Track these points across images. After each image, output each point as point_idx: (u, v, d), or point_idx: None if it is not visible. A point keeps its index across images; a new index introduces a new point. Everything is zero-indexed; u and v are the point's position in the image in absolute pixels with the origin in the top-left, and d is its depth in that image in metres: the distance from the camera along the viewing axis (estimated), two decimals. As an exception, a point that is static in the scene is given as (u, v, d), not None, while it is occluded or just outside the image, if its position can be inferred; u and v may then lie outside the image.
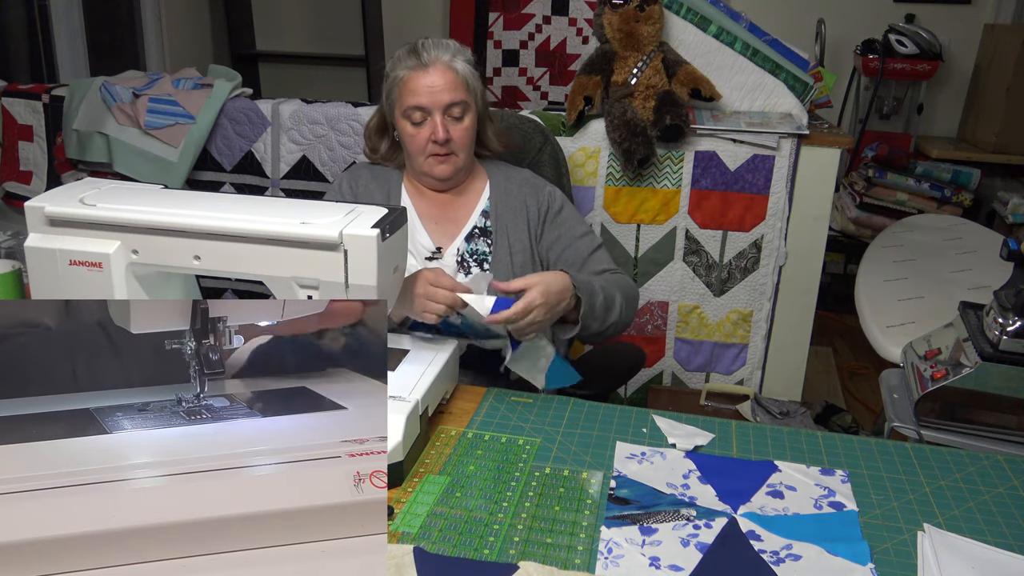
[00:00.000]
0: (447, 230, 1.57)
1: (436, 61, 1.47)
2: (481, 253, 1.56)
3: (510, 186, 1.61)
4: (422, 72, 1.47)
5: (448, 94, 1.47)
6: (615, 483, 1.07)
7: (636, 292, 1.55)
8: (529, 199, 1.59)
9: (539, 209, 1.59)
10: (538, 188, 1.61)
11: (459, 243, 1.56)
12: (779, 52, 2.25)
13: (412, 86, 1.47)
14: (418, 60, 1.47)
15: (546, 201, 1.60)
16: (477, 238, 1.56)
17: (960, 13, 3.84)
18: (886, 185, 3.56)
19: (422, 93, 1.46)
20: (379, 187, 1.60)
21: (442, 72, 1.47)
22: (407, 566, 0.89)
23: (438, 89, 1.46)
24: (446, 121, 1.49)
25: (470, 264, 1.55)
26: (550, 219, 1.59)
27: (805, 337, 2.36)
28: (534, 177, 1.65)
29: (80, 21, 3.45)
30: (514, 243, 1.56)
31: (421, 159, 1.52)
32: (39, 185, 2.59)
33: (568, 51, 4.07)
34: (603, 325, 1.43)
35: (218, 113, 2.37)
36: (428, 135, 1.49)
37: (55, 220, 1.08)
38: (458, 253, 1.55)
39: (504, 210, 1.58)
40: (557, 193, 1.63)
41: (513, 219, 1.57)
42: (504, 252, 1.55)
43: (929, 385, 1.35)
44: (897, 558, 0.94)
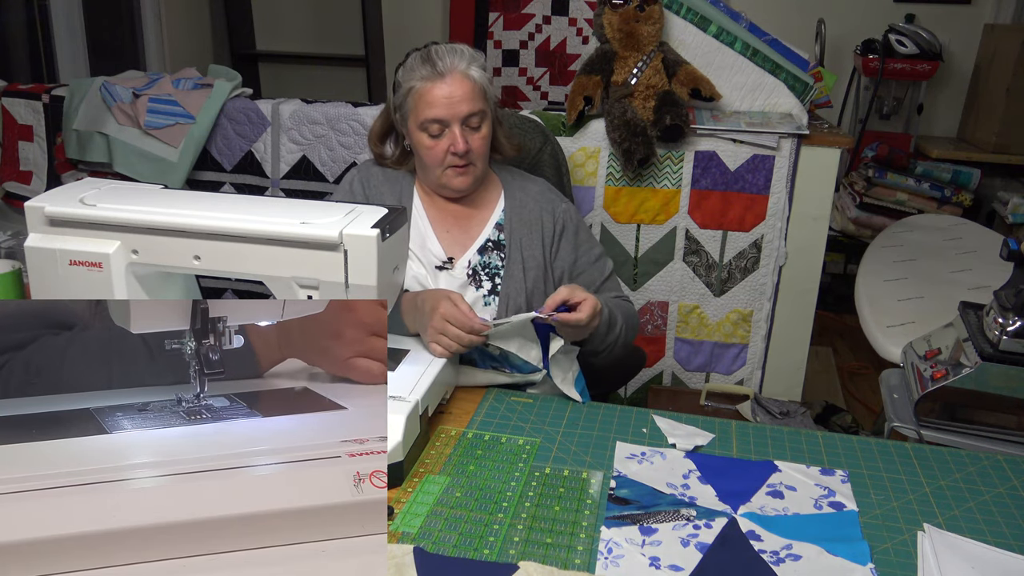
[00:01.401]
0: (459, 240, 1.54)
1: (453, 71, 1.42)
2: (494, 267, 1.52)
3: (526, 199, 1.57)
4: (439, 82, 1.42)
5: (466, 105, 1.43)
6: (615, 483, 1.07)
7: (637, 321, 1.57)
8: (545, 215, 1.56)
9: (554, 226, 1.56)
10: (554, 204, 1.58)
11: (471, 255, 1.53)
12: (779, 52, 2.25)
13: (429, 98, 1.42)
14: (433, 69, 1.42)
15: (562, 219, 1.57)
16: (491, 251, 1.53)
17: (960, 13, 3.84)
18: (886, 185, 3.55)
19: (440, 105, 1.42)
20: (391, 190, 1.56)
21: (459, 82, 1.42)
22: (407, 566, 0.89)
23: (456, 100, 1.42)
24: (464, 132, 1.44)
25: (481, 277, 1.52)
26: (566, 238, 1.56)
27: (805, 337, 2.36)
28: (550, 190, 1.62)
29: (80, 21, 3.45)
30: (528, 259, 1.53)
31: (439, 171, 1.48)
32: (39, 185, 2.59)
33: (568, 51, 4.07)
34: (602, 344, 1.45)
35: (218, 113, 2.37)
36: (447, 147, 1.44)
37: (55, 220, 1.08)
38: (470, 266, 1.52)
39: (519, 224, 1.55)
40: (572, 210, 1.60)
41: (528, 234, 1.54)
42: (517, 267, 1.52)
43: (929, 385, 1.35)
44: (897, 558, 0.94)
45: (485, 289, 1.51)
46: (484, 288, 1.51)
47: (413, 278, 1.49)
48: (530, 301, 1.51)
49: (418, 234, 1.53)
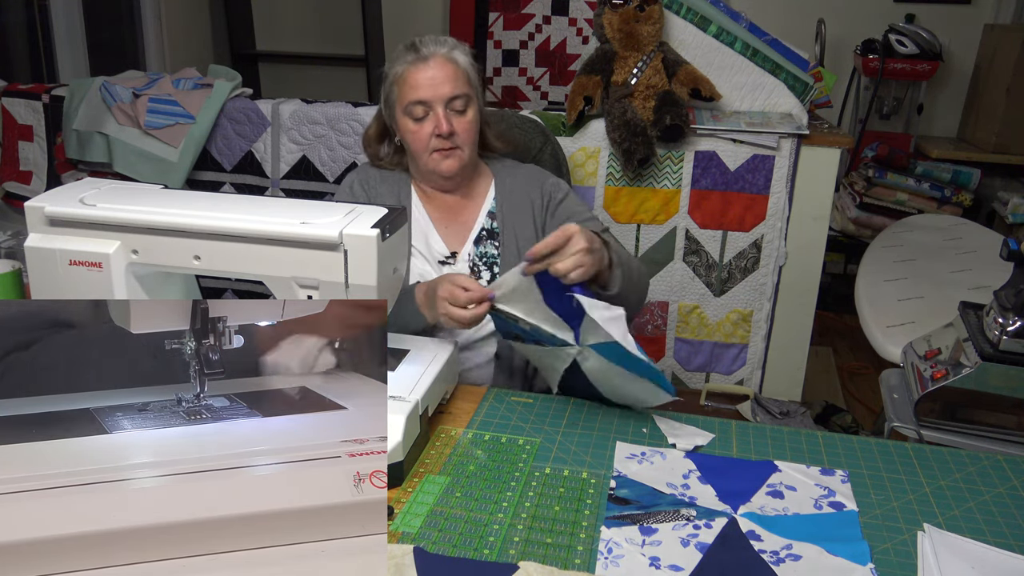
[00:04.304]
0: (458, 234, 1.55)
1: (435, 54, 1.45)
2: (490, 256, 1.53)
3: (515, 183, 1.58)
4: (421, 65, 1.44)
5: (449, 85, 1.44)
6: (615, 483, 1.07)
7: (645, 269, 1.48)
8: (533, 192, 1.57)
9: (543, 200, 1.56)
10: (542, 180, 1.59)
11: (469, 247, 1.54)
12: (779, 52, 2.25)
13: (412, 80, 1.44)
14: (417, 54, 1.45)
15: (549, 191, 1.57)
16: (485, 241, 1.54)
17: (960, 13, 3.84)
18: (886, 185, 3.55)
19: (422, 86, 1.43)
20: (389, 190, 1.57)
21: (442, 64, 1.44)
22: (407, 566, 0.89)
23: (439, 81, 1.43)
24: (449, 114, 1.45)
25: (481, 269, 1.52)
26: (552, 208, 1.56)
27: (805, 337, 2.36)
28: (539, 171, 1.63)
29: (80, 21, 3.45)
30: (522, 242, 1.53)
31: (425, 156, 1.48)
32: (39, 185, 2.59)
33: (568, 51, 4.07)
34: (629, 285, 1.33)
35: (218, 113, 2.37)
36: (431, 130, 1.45)
37: (55, 220, 1.08)
38: (469, 258, 1.53)
39: (510, 209, 1.56)
40: (561, 183, 1.60)
41: (519, 217, 1.55)
42: (512, 254, 1.52)
43: (929, 385, 1.35)
44: (897, 558, 0.94)
45: (485, 280, 1.52)
46: (484, 279, 1.52)
47: (420, 275, 1.50)
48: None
49: (420, 231, 1.54)
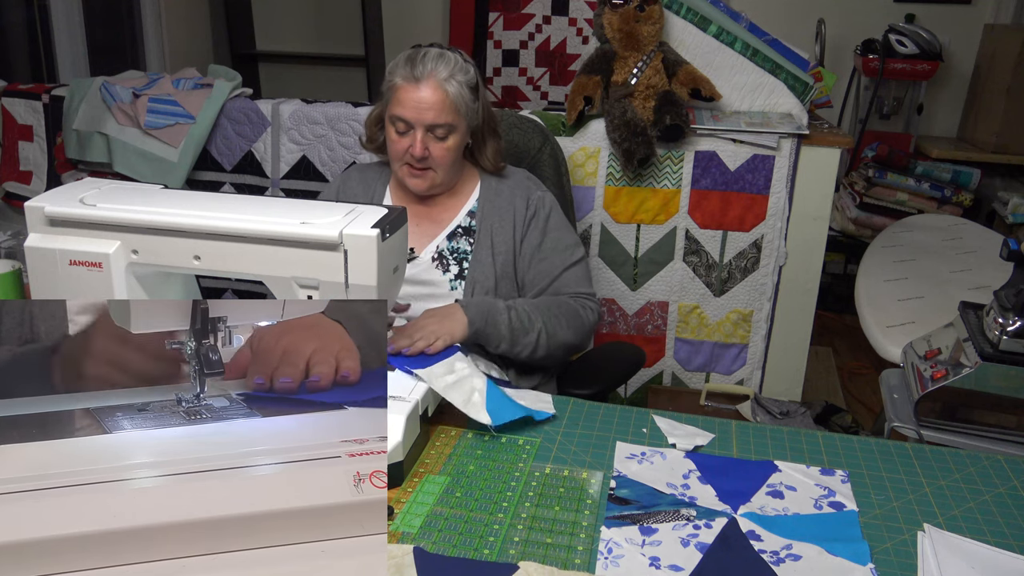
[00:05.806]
0: (428, 230, 1.57)
1: (429, 77, 1.45)
2: (462, 252, 1.55)
3: (501, 187, 1.60)
4: (413, 85, 1.45)
5: (432, 113, 1.45)
6: (615, 483, 1.07)
7: (586, 321, 1.52)
8: (519, 200, 1.58)
9: (527, 211, 1.58)
10: (530, 190, 1.60)
11: (440, 241, 1.56)
12: (779, 52, 2.25)
13: (401, 97, 1.46)
14: (411, 72, 1.45)
15: (535, 204, 1.58)
16: (460, 237, 1.56)
17: (960, 13, 3.84)
18: (886, 185, 3.55)
19: (408, 107, 1.46)
20: (364, 191, 1.62)
21: (432, 90, 1.45)
22: (407, 566, 0.89)
23: (424, 107, 1.45)
24: (427, 139, 1.47)
25: (449, 262, 1.55)
26: (536, 222, 1.57)
27: (805, 337, 2.36)
28: (528, 179, 1.64)
29: (80, 21, 3.45)
30: (498, 244, 1.55)
31: (397, 166, 1.53)
32: (39, 185, 2.59)
33: (568, 51, 4.07)
34: (514, 347, 1.44)
35: (218, 113, 2.37)
36: (407, 147, 1.48)
37: (55, 220, 1.08)
38: (436, 250, 1.55)
39: (491, 210, 1.57)
40: (548, 198, 1.61)
41: (500, 219, 1.56)
42: (486, 252, 1.54)
43: (929, 385, 1.35)
44: (897, 558, 0.94)
45: (452, 273, 1.54)
46: (451, 272, 1.54)
47: None
48: (498, 285, 1.53)
49: None
